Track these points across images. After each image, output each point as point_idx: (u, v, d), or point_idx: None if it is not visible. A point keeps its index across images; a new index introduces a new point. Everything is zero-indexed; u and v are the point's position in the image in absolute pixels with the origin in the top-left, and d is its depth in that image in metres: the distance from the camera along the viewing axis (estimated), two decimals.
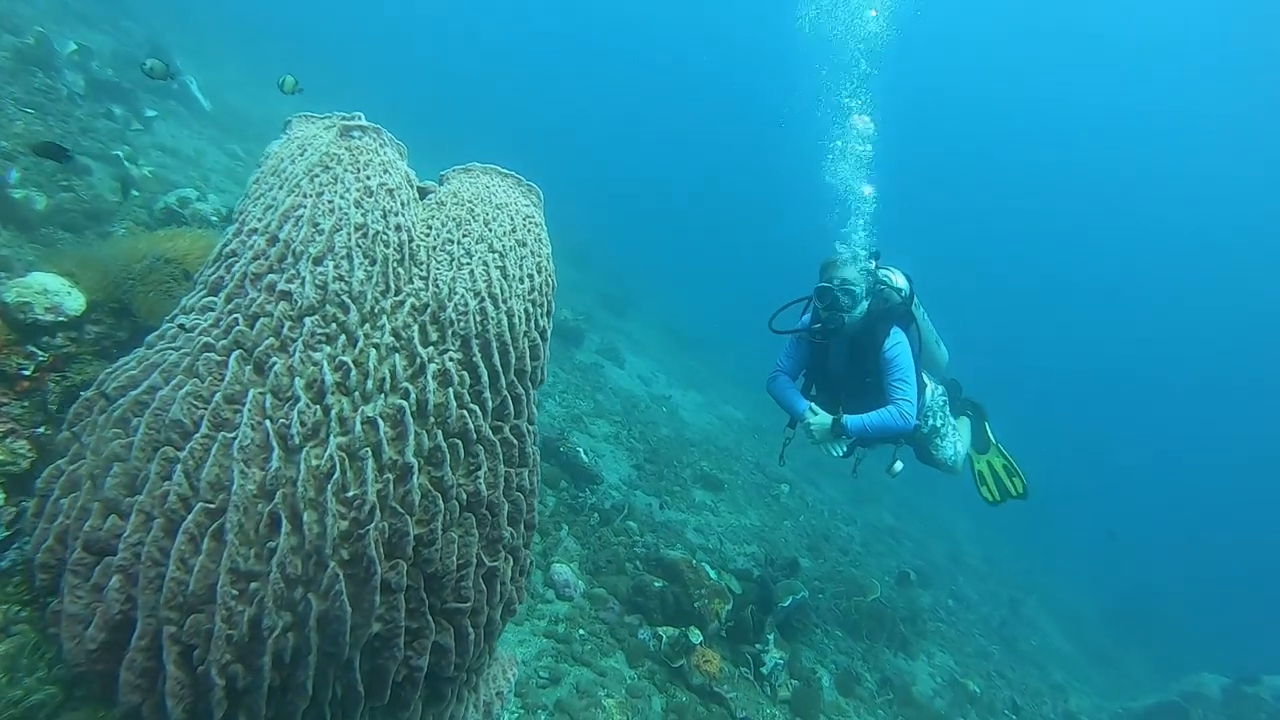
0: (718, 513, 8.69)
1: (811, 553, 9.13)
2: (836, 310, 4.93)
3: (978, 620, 10.95)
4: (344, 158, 2.57)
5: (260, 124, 13.40)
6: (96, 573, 2.18)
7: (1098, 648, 13.43)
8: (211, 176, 9.00)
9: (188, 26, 15.36)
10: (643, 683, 4.74)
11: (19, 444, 2.98)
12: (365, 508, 2.23)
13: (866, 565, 10.01)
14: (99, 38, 10.66)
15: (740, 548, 7.89)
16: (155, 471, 2.22)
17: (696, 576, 5.45)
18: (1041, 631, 12.52)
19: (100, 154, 7.27)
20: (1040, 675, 10.52)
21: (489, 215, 2.70)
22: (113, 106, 8.88)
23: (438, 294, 2.55)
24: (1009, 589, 13.41)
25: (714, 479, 9.47)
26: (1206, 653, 12.70)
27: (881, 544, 11.60)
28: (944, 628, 9.53)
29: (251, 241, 2.65)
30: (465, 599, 2.48)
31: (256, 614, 2.15)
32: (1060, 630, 13.48)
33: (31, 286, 3.13)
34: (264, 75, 16.74)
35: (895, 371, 4.92)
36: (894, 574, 10.01)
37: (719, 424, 13.40)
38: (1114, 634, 14.10)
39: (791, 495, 10.91)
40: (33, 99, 7.46)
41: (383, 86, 27.17)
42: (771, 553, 8.02)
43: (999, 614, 11.76)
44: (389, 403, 2.38)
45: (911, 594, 9.84)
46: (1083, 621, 14.33)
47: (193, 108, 11.22)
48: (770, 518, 9.56)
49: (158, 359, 2.48)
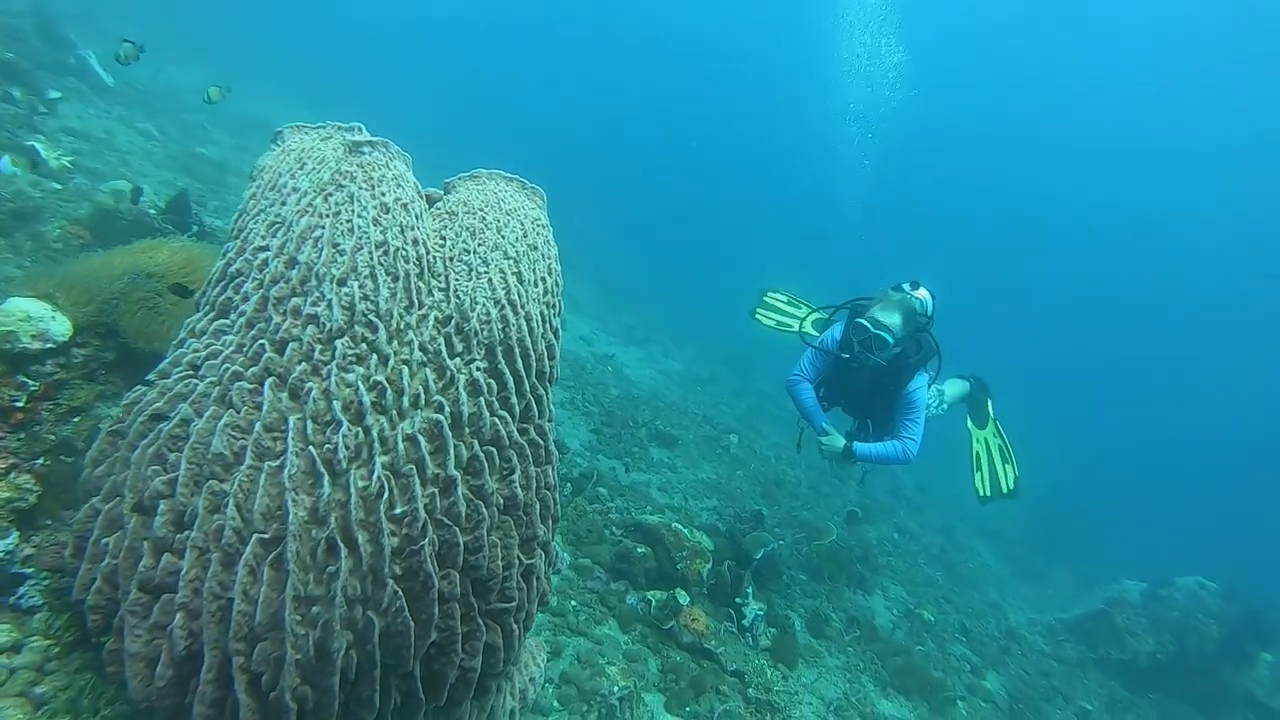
0: (675, 469, 8.92)
1: (766, 500, 9.46)
2: (868, 350, 5.07)
3: (920, 550, 11.56)
4: (357, 175, 2.55)
5: (165, 97, 12.72)
6: (156, 611, 2.20)
7: (1027, 565, 14.35)
8: (131, 160, 8.56)
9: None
10: (637, 646, 4.94)
11: (23, 479, 2.92)
12: (417, 523, 2.29)
13: (816, 508, 10.42)
14: None
15: (702, 502, 8.14)
16: (204, 506, 2.23)
17: (676, 539, 5.66)
18: (976, 554, 13.30)
19: (10, 144, 6.86)
20: (980, 596, 11.21)
21: (501, 222, 2.73)
22: (10, 89, 8.31)
23: (459, 305, 2.59)
24: (943, 517, 14.14)
25: (668, 435, 9.68)
26: (1125, 563, 13.74)
27: (827, 485, 12.06)
28: (894, 561, 10.06)
29: (262, 260, 2.63)
30: (510, 598, 2.58)
31: (322, 637, 2.21)
32: (992, 551, 14.33)
33: (13, 314, 3.03)
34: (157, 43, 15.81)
35: (910, 411, 5.20)
36: (843, 514, 10.46)
37: (662, 379, 13.60)
38: (1040, 551, 15.06)
39: (741, 445, 11.24)
40: None
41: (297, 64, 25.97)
42: (731, 505, 8.31)
43: (938, 542, 12.43)
44: (426, 417, 2.43)
45: (860, 531, 10.32)
46: (1010, 542, 15.23)
47: (94, 84, 10.54)
48: (724, 469, 9.84)
49: (183, 389, 2.46)
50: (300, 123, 2.92)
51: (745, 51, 48.69)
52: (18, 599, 2.76)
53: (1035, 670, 9.04)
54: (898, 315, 5.02)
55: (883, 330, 4.97)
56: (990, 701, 7.50)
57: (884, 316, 5.02)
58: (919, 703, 6.54)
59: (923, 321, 5.28)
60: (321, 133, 2.88)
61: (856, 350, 5.09)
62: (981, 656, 8.49)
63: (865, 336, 5.03)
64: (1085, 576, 13.95)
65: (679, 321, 19.31)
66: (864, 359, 5.09)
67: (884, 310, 5.07)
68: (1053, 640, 10.59)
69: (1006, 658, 8.92)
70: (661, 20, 49.36)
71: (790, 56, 43.68)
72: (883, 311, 5.06)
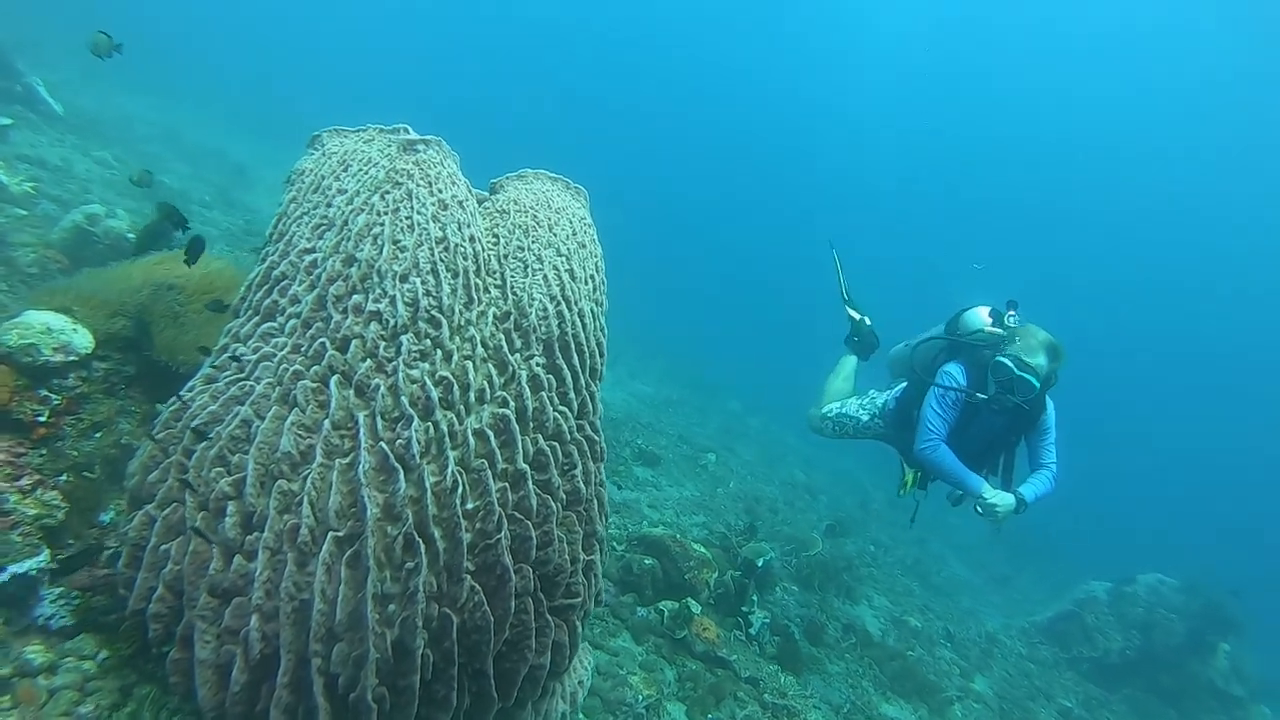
0: (660, 487, 8.91)
1: (748, 515, 9.50)
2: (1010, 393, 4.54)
3: (896, 562, 11.70)
4: (414, 173, 2.55)
5: (118, 126, 12.43)
6: (227, 615, 2.13)
7: (995, 572, 14.62)
8: (92, 188, 8.31)
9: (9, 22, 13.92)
10: (652, 657, 4.90)
11: (49, 495, 2.81)
12: (492, 518, 2.27)
13: (795, 522, 10.49)
14: None
15: (691, 518, 8.14)
16: (274, 506, 2.18)
17: (683, 550, 5.65)
18: (947, 564, 13.52)
19: None
20: (953, 603, 11.38)
21: (551, 220, 2.74)
22: None
23: (517, 301, 2.59)
24: (914, 529, 14.34)
25: (650, 455, 9.67)
26: (1088, 564, 14.07)
27: (801, 500, 12.16)
28: (874, 572, 10.17)
29: (310, 261, 2.59)
30: (575, 594, 2.56)
31: (400, 635, 2.16)
32: (961, 561, 14.57)
33: (33, 326, 2.93)
34: (103, 72, 15.45)
35: (1048, 436, 4.80)
36: (821, 528, 10.55)
37: (634, 401, 13.61)
38: (1006, 558, 15.36)
39: (718, 464, 11.28)
40: None
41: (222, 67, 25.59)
42: (718, 520, 8.32)
43: (912, 553, 12.60)
44: (493, 412, 2.41)
45: (840, 544, 10.41)
46: (977, 551, 15.51)
47: (42, 112, 10.23)
48: (706, 487, 9.86)
49: (237, 392, 2.40)
50: (339, 126, 2.90)
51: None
52: (47, 620, 2.65)
53: (1016, 672, 9.20)
54: (1042, 355, 4.56)
55: (1028, 373, 4.46)
56: (982, 702, 7.61)
57: (1029, 357, 4.52)
58: (918, 704, 6.61)
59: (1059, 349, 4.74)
60: (363, 135, 2.86)
61: (1011, 399, 4.54)
62: (967, 660, 8.62)
63: (1008, 378, 4.51)
64: (1052, 580, 14.24)
65: (648, 344, 19.32)
66: (1008, 403, 4.55)
67: (1025, 349, 4.57)
68: (1028, 643, 10.79)
69: (990, 660, 9.07)
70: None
71: None
72: (1025, 351, 4.56)
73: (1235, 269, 40.68)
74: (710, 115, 49.14)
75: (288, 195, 2.81)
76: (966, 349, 4.82)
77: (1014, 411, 4.64)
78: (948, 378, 4.72)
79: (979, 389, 4.67)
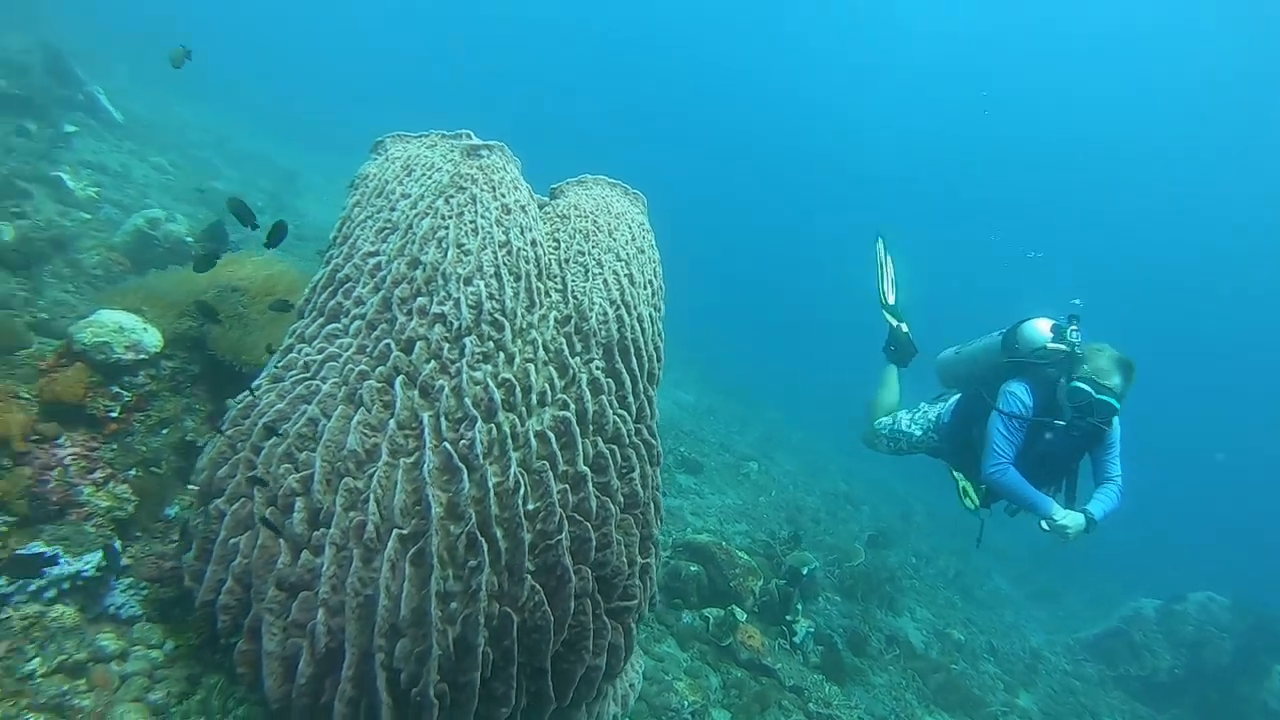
0: (703, 495, 8.89)
1: (790, 524, 9.43)
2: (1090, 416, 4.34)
3: (937, 574, 11.53)
4: (478, 178, 2.58)
5: (172, 132, 12.75)
6: (294, 609, 2.17)
7: (1039, 587, 14.33)
8: (150, 192, 8.53)
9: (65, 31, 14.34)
10: (697, 663, 4.89)
11: (120, 488, 2.90)
12: (553, 518, 2.28)
13: (836, 532, 10.40)
14: None
15: (734, 526, 8.12)
16: (340, 503, 2.22)
17: (728, 557, 5.63)
18: (990, 578, 13.28)
19: (35, 176, 6.84)
20: (996, 617, 11.19)
21: (611, 225, 2.77)
22: (26, 123, 8.31)
23: (578, 305, 2.61)
24: (955, 541, 14.14)
25: (693, 462, 9.66)
26: (1136, 581, 13.75)
27: (843, 511, 12.05)
28: (916, 584, 10.03)
29: (374, 265, 2.64)
30: (632, 596, 2.57)
31: (462, 633, 2.18)
32: (1003, 575, 14.31)
33: (106, 325, 3.01)
34: (155, 79, 15.89)
35: (1114, 449, 4.63)
36: (863, 538, 10.45)
37: (676, 409, 13.59)
38: (1050, 573, 15.05)
39: (760, 472, 11.23)
40: None
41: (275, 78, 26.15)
42: (760, 529, 8.29)
43: (953, 566, 12.41)
44: (554, 415, 2.43)
45: (881, 555, 10.29)
46: (1020, 564, 15.23)
47: (103, 119, 10.53)
48: (748, 495, 9.82)
49: (304, 391, 2.45)
50: (402, 132, 2.96)
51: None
52: (118, 609, 2.73)
53: (1062, 689, 9.01)
54: (1117, 375, 4.33)
55: (1108, 396, 4.28)
56: (1026, 719, 7.46)
57: (1105, 379, 4.30)
58: (962, 719, 6.50)
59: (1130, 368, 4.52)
60: (426, 140, 2.91)
61: (1090, 424, 4.36)
62: (1012, 675, 8.45)
63: (1087, 401, 4.31)
64: (1097, 596, 13.94)
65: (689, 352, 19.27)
66: (1084, 425, 4.38)
67: (1096, 370, 4.34)
68: (1073, 659, 10.56)
69: (1035, 676, 8.89)
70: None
71: None
72: (1098, 372, 4.34)
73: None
74: (743, 117, 48.91)
75: (351, 199, 2.87)
76: (1029, 367, 4.61)
77: (1086, 430, 4.45)
78: (1014, 400, 4.51)
79: (1048, 409, 4.46)
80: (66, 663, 2.38)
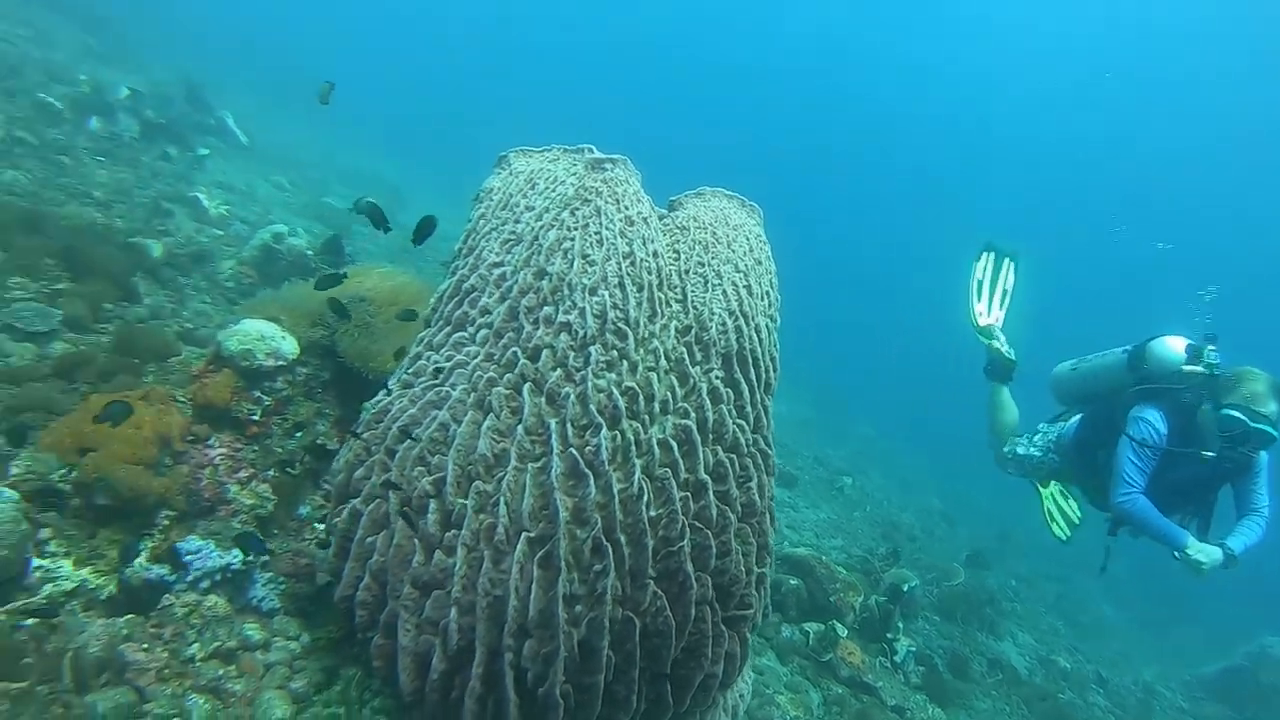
0: (798, 509, 8.84)
1: (885, 541, 9.26)
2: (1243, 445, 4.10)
3: (1038, 597, 11.10)
4: (602, 190, 2.66)
5: (292, 151, 13.46)
6: (428, 606, 2.27)
7: (1149, 617, 13.61)
8: (272, 209, 9.06)
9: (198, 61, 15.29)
10: (797, 678, 4.86)
11: (262, 488, 3.08)
12: (675, 525, 2.32)
13: (933, 550, 10.15)
14: (129, 77, 10.67)
15: (830, 540, 8.03)
16: (471, 505, 2.31)
17: (828, 571, 5.58)
18: (1095, 604, 12.68)
19: (176, 196, 7.32)
20: (1103, 646, 10.68)
21: (730, 237, 2.80)
22: (168, 148, 8.92)
23: (698, 315, 2.65)
24: (1057, 565, 13.58)
25: (788, 475, 9.62)
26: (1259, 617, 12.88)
27: (939, 529, 11.75)
28: (1016, 607, 9.68)
29: (499, 275, 2.74)
30: (748, 605, 2.58)
31: (587, 635, 2.24)
32: (1109, 602, 13.65)
33: (250, 334, 3.22)
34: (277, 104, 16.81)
35: (1259, 478, 4.34)
36: (962, 558, 10.15)
37: None
38: (1162, 603, 14.28)
39: (854, 487, 11.07)
40: (100, 146, 7.52)
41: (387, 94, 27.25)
42: (856, 544, 8.17)
43: (1054, 590, 11.92)
44: (675, 423, 2.48)
45: (980, 576, 9.98)
46: (1126, 591, 14.49)
47: (232, 142, 11.25)
48: (842, 510, 9.71)
49: (434, 397, 2.56)
50: (525, 147, 3.06)
51: None
52: (259, 602, 2.90)
53: None
54: (1273, 402, 4.06)
55: (1265, 424, 4.01)
56: None
57: (1260, 406, 4.05)
58: None
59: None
60: (548, 155, 3.01)
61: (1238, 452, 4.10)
62: (1124, 709, 8.05)
63: (1242, 431, 4.04)
64: (1214, 630, 13.13)
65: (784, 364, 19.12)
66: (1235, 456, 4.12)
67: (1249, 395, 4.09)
68: (1191, 697, 9.97)
69: (1149, 713, 8.44)
70: None
71: None
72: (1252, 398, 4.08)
73: None
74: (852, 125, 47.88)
75: (476, 212, 2.99)
76: (1161, 391, 4.31)
77: (1237, 461, 4.16)
78: (1147, 429, 4.20)
79: (1185, 437, 4.14)
80: (220, 649, 2.55)
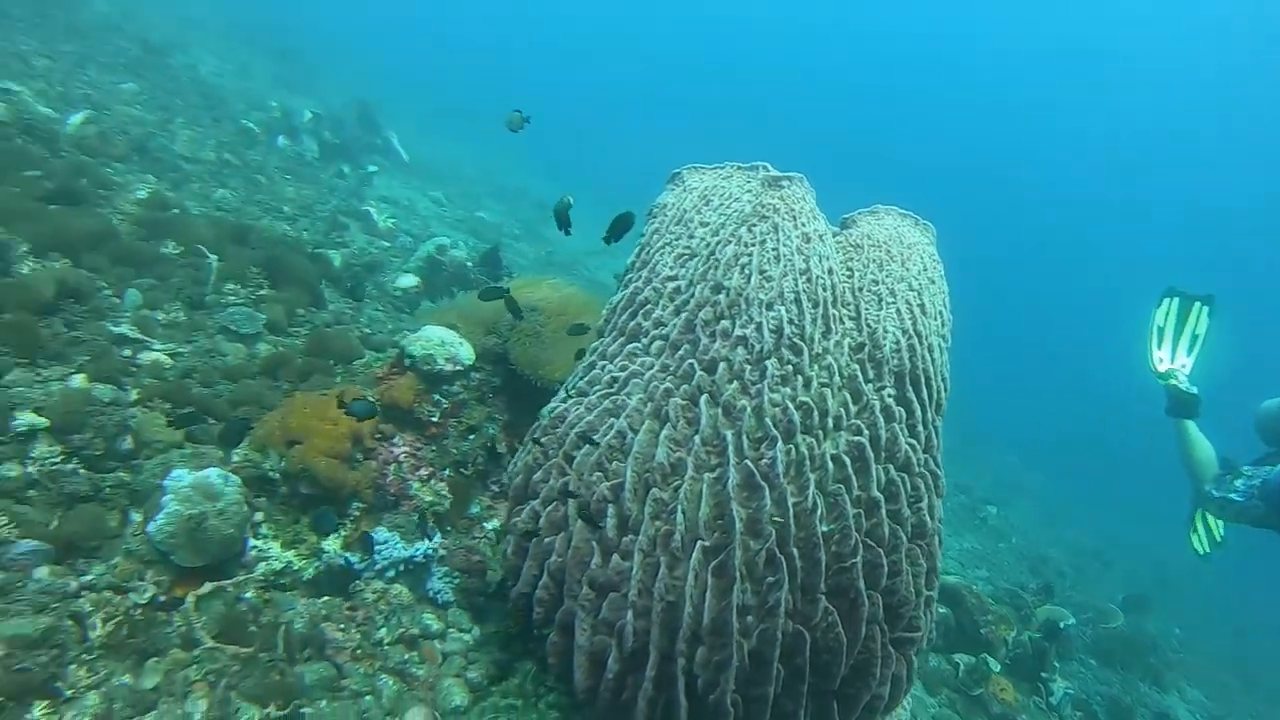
0: None
1: (1034, 575, 8.80)
2: None
3: (1206, 651, 10.22)
4: (780, 207, 2.70)
5: (448, 168, 14.21)
6: (604, 608, 2.35)
7: None
8: (430, 223, 9.60)
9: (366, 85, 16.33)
10: (945, 710, 4.70)
11: (439, 486, 3.27)
12: (849, 541, 2.32)
13: (1085, 589, 9.54)
14: (310, 101, 11.58)
15: (974, 571, 7.71)
16: (649, 512, 2.38)
17: (979, 602, 5.36)
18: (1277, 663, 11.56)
19: (350, 211, 7.87)
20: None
21: (904, 255, 2.78)
22: (343, 165, 9.63)
23: (871, 333, 2.64)
24: (1228, 615, 12.47)
25: None
26: None
27: (1091, 567, 11.04)
28: (1182, 658, 8.96)
29: (673, 289, 2.82)
30: (916, 628, 2.53)
31: (758, 646, 2.26)
32: None
33: (431, 339, 3.43)
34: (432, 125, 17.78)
35: None
36: (1119, 599, 9.49)
37: None
38: None
39: (998, 517, 10.58)
40: (288, 165, 8.19)
41: None
42: (1002, 576, 7.79)
43: (1226, 645, 10.95)
44: (849, 439, 2.47)
45: (1138, 620, 9.30)
46: None
47: (395, 160, 12.01)
48: (986, 540, 9.30)
49: (610, 405, 2.66)
50: (697, 164, 3.14)
51: None
52: (435, 594, 3.08)
53: None
54: None
55: None
56: None
57: None
58: None
59: None
60: (721, 172, 3.08)
61: None
62: None
63: None
64: None
65: None
66: None
67: None
68: None
69: None
70: None
71: None
72: None
73: None
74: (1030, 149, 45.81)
75: (649, 227, 3.08)
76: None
77: None
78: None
79: None
80: (404, 635, 2.73)
